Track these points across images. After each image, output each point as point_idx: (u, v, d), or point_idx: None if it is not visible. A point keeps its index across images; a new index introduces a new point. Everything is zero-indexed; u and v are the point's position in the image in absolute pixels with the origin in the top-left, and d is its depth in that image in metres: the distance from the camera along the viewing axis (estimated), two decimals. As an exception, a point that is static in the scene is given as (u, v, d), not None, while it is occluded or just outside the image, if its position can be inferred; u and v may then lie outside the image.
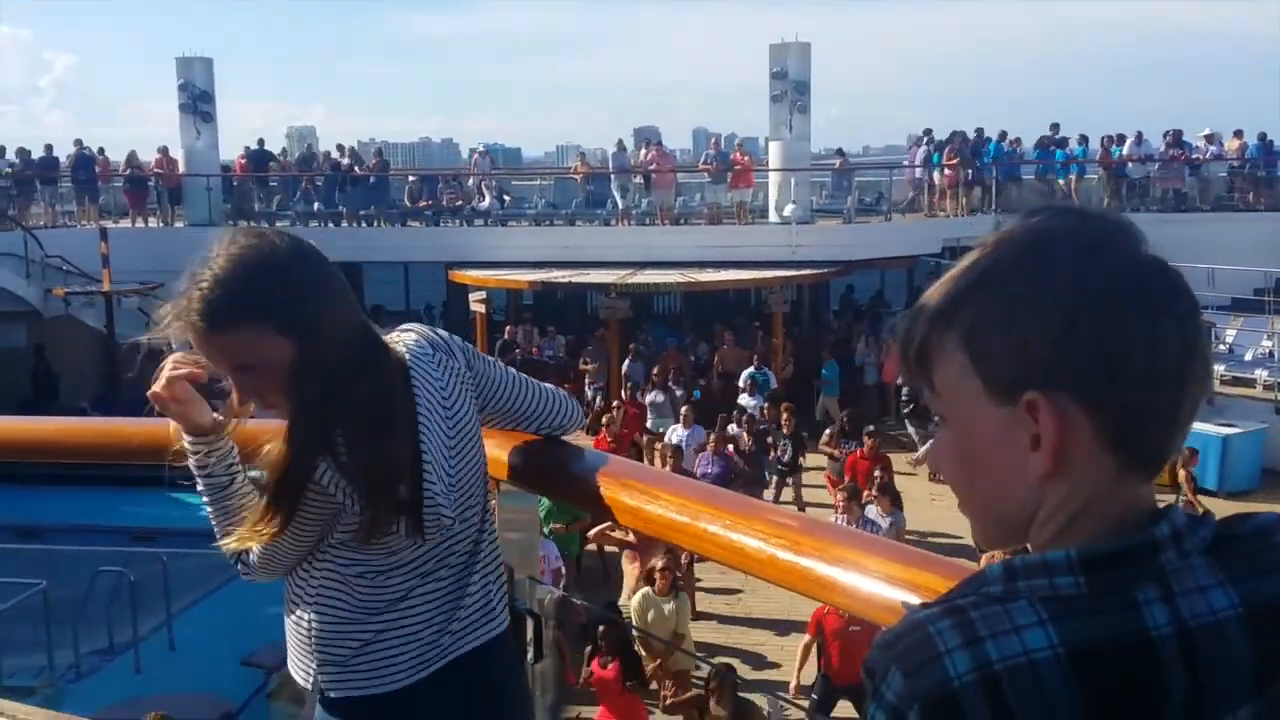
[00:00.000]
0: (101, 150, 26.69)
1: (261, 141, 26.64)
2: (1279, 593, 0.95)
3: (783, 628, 11.13)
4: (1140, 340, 0.92)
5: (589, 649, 8.34)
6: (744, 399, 17.23)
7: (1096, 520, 0.95)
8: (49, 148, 26.40)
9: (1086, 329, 0.92)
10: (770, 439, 15.22)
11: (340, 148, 26.69)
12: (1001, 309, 0.95)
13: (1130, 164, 25.05)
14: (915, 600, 1.35)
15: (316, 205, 25.03)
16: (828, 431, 15.49)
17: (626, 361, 18.13)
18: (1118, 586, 0.92)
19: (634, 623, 9.49)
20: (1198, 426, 16.07)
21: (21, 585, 8.48)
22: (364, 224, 24.70)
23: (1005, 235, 0.98)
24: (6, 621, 8.33)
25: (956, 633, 0.90)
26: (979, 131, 25.56)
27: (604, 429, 15.13)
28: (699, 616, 11.38)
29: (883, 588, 1.47)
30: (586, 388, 19.74)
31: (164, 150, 26.02)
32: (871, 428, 14.55)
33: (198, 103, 25.68)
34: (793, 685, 9.54)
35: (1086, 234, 0.96)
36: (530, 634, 2.05)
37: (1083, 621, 0.90)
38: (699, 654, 9.76)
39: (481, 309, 22.12)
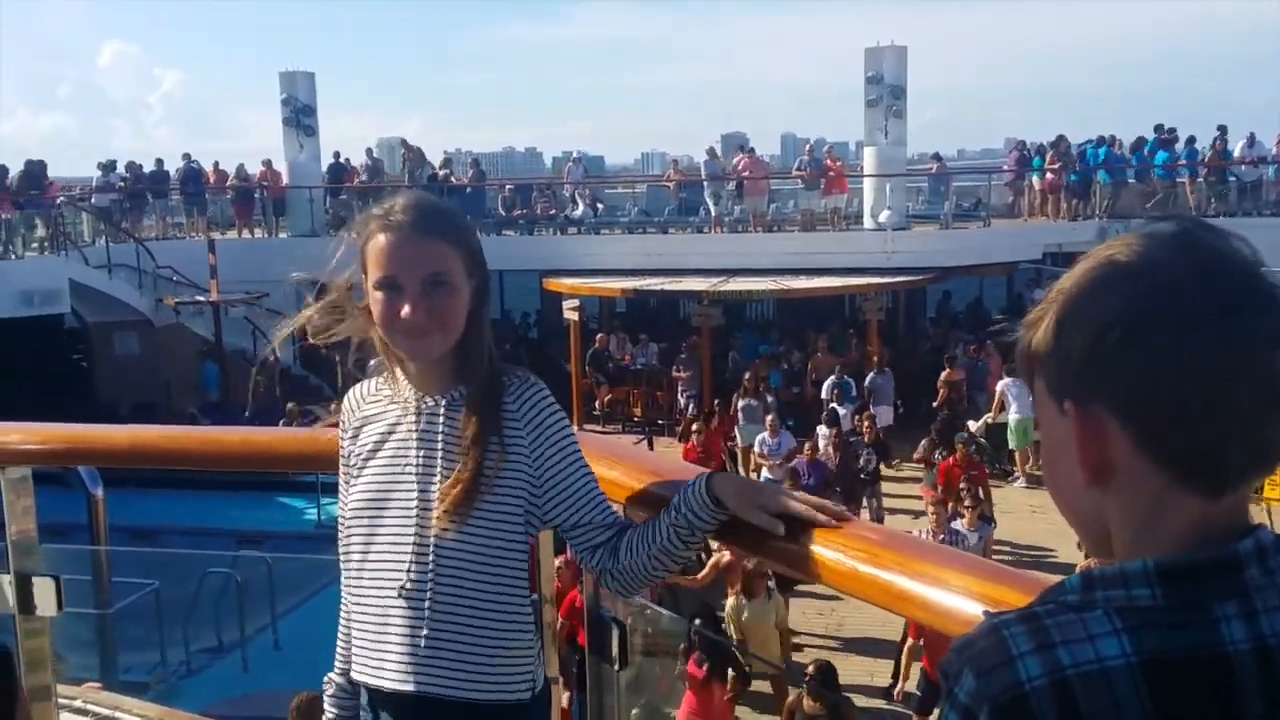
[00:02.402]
0: (216, 164, 27.47)
1: (337, 155, 27.12)
2: None
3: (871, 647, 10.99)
4: (1180, 353, 0.91)
5: (683, 647, 8.41)
6: (834, 406, 17.15)
7: (1170, 533, 0.94)
8: (159, 162, 27.29)
9: (1117, 340, 0.93)
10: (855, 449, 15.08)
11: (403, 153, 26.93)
12: (1061, 318, 0.98)
13: (1243, 166, 24.25)
14: None
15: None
16: (922, 442, 15.31)
17: (744, 400, 17.62)
18: (1196, 600, 0.91)
19: (730, 628, 9.55)
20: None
21: (136, 585, 8.78)
22: (460, 233, 25.01)
23: (1102, 247, 1.00)
24: (122, 620, 8.63)
25: (1029, 638, 0.91)
26: (1087, 142, 24.95)
27: (693, 436, 15.17)
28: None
29: (962, 601, 1.47)
30: (679, 395, 19.77)
31: (268, 163, 26.73)
32: (965, 435, 14.35)
33: (300, 116, 26.33)
34: (898, 690, 9.48)
35: (1155, 246, 0.96)
36: (615, 643, 2.08)
37: (1158, 633, 0.90)
38: (775, 664, 9.68)
39: (575, 317, 22.30)
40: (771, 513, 1.72)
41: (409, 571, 1.86)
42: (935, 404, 17.89)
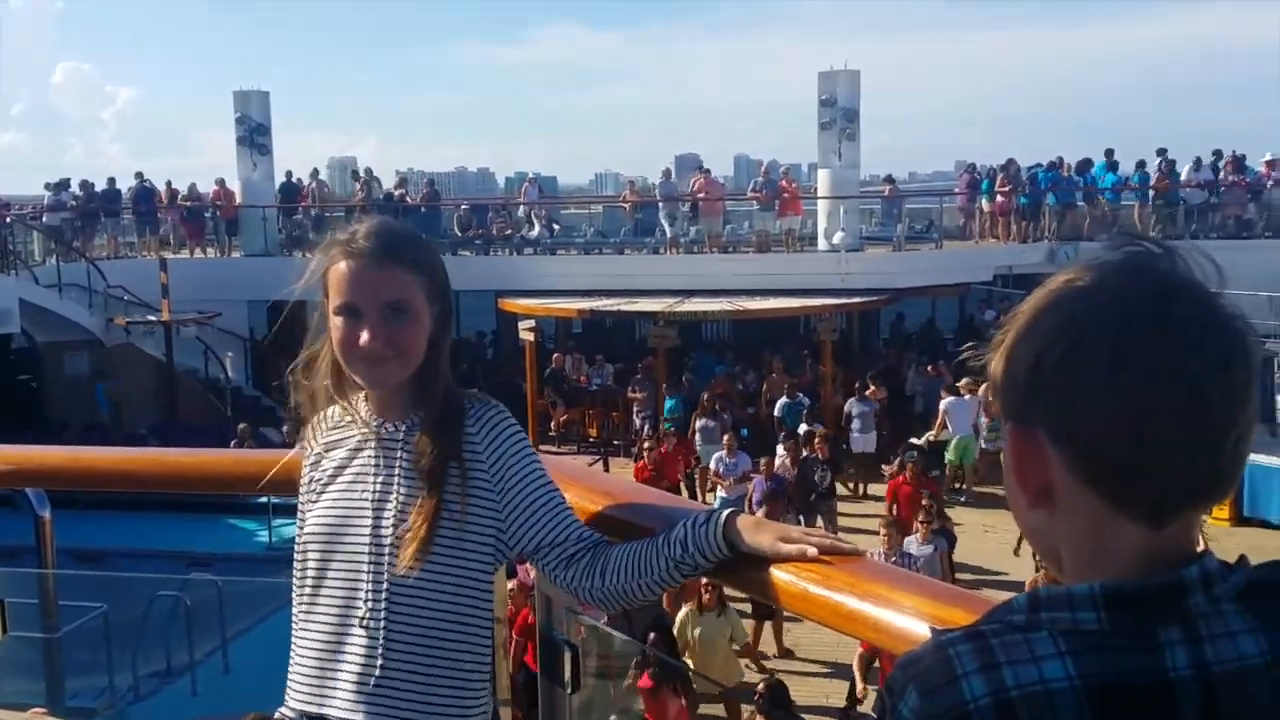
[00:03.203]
0: (169, 183, 27.26)
1: (289, 174, 27.00)
2: None
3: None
4: (1113, 377, 0.91)
5: (636, 659, 8.40)
6: (803, 427, 17.22)
7: (1114, 559, 0.95)
8: (111, 180, 27.02)
9: (1055, 362, 0.94)
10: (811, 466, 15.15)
11: (363, 174, 26.91)
12: (1012, 342, 0.99)
13: (1188, 189, 24.71)
14: None
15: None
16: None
17: (701, 420, 17.50)
18: (1140, 626, 0.91)
19: (677, 639, 9.55)
20: (1260, 459, 15.88)
21: (84, 609, 8.62)
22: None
23: (1062, 271, 1.01)
24: (69, 644, 8.46)
25: (975, 657, 0.92)
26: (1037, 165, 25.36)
27: (645, 456, 15.19)
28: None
29: (913, 622, 1.49)
30: (634, 416, 19.79)
31: (221, 182, 26.53)
32: (915, 453, 14.46)
33: (254, 135, 26.17)
34: (859, 689, 9.55)
35: (1104, 270, 0.96)
36: (568, 666, 2.07)
37: (1102, 657, 0.90)
38: (721, 683, 9.67)
39: (531, 337, 22.28)
40: (796, 544, 1.69)
41: (366, 602, 1.84)
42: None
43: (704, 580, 9.50)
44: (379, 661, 1.83)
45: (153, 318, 21.94)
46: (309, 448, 2.02)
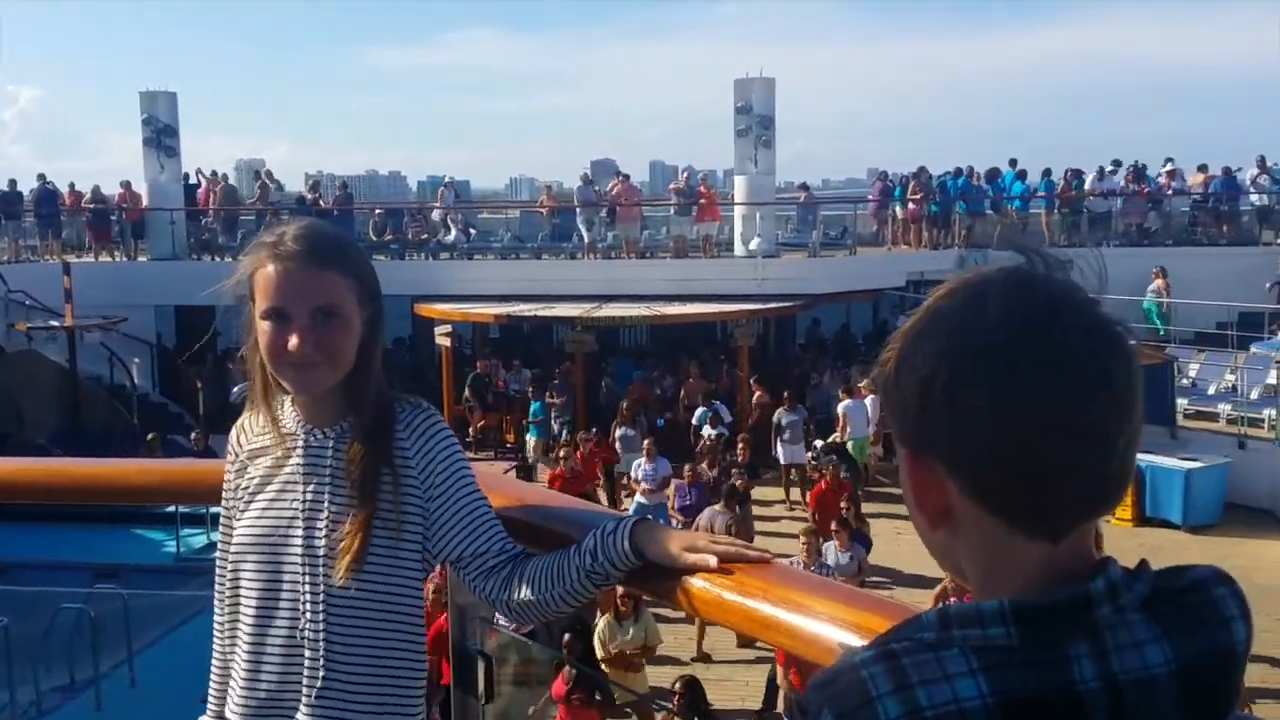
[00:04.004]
0: (72, 185, 26.59)
1: (187, 176, 26.51)
2: (1212, 649, 0.94)
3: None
4: (998, 401, 0.92)
5: (555, 663, 8.39)
6: (706, 429, 17.33)
7: (1018, 575, 0.96)
8: (13, 182, 26.24)
9: (941, 389, 0.94)
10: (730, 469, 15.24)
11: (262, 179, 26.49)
12: (897, 365, 0.99)
13: (1092, 198, 25.39)
14: (858, 641, 1.38)
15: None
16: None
17: (621, 429, 17.45)
18: (1049, 640, 0.92)
19: (598, 650, 9.54)
20: (1161, 460, 16.34)
21: (-17, 623, 8.39)
22: (329, 258, 24.62)
23: (942, 286, 1.00)
24: (-32, 660, 8.25)
25: (888, 678, 0.91)
26: (946, 173, 25.86)
27: (561, 463, 15.18)
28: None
29: (826, 628, 1.50)
30: (552, 421, 19.75)
31: (127, 184, 25.94)
32: (834, 456, 14.63)
33: (161, 137, 25.62)
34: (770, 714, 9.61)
35: (986, 288, 0.96)
36: (481, 676, 2.06)
37: (1012, 673, 0.91)
38: (635, 691, 9.67)
39: (447, 343, 22.12)
40: (699, 553, 1.69)
41: (304, 615, 1.82)
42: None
43: (619, 590, 9.54)
44: (321, 674, 1.81)
45: (55, 323, 21.30)
46: (233, 453, 1.98)
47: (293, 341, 1.77)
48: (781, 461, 17.21)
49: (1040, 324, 0.93)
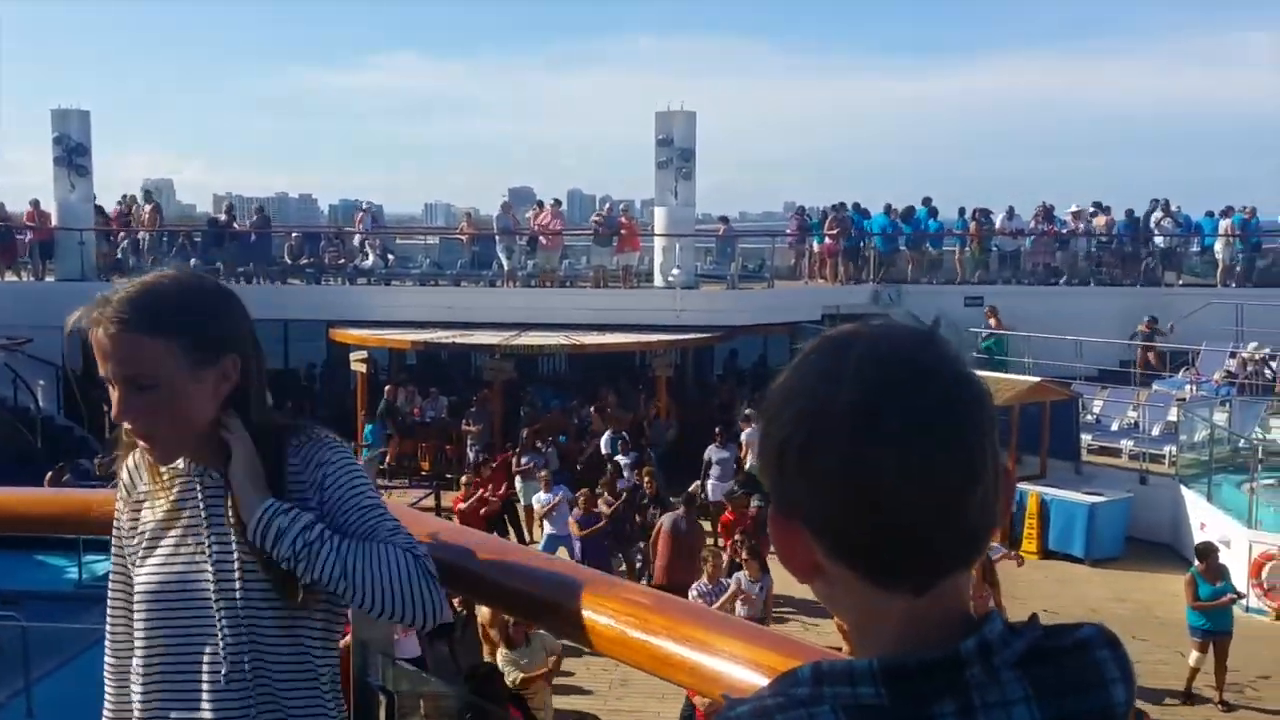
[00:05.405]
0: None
1: (93, 198, 25.85)
2: (1081, 711, 0.95)
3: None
4: (847, 468, 0.93)
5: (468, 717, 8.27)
6: (619, 458, 17.23)
7: (887, 631, 0.97)
8: (-85, 199, 25.45)
9: (796, 456, 0.96)
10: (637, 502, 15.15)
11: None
12: (763, 428, 1.01)
13: (1001, 236, 25.97)
14: (760, 679, 1.38)
15: (194, 261, 24.50)
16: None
17: (525, 456, 17.20)
18: (917, 699, 0.92)
19: (509, 681, 9.43)
20: (1065, 495, 16.63)
21: None
22: (242, 280, 24.23)
23: (808, 347, 1.02)
24: None
25: None
26: (855, 205, 26.26)
27: (463, 489, 15.11)
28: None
29: (729, 667, 1.50)
30: (468, 449, 19.61)
31: (35, 203, 25.28)
32: (737, 489, 14.67)
33: (73, 155, 25.01)
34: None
35: (839, 354, 0.97)
36: (383, 713, 2.04)
37: None
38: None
39: (363, 369, 21.85)
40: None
41: (227, 659, 1.80)
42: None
43: (511, 620, 9.45)
44: (252, 714, 1.80)
45: (-43, 343, 20.69)
46: (124, 491, 1.95)
47: (114, 412, 1.76)
48: (709, 499, 16.56)
49: (895, 390, 0.94)
